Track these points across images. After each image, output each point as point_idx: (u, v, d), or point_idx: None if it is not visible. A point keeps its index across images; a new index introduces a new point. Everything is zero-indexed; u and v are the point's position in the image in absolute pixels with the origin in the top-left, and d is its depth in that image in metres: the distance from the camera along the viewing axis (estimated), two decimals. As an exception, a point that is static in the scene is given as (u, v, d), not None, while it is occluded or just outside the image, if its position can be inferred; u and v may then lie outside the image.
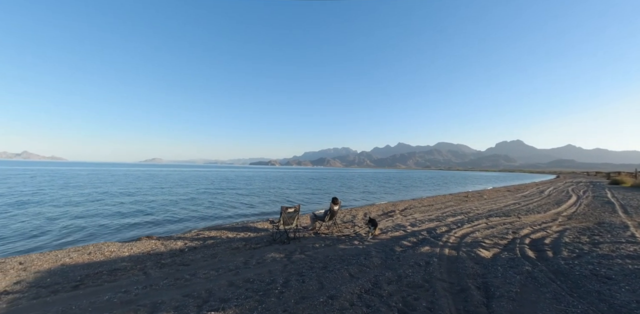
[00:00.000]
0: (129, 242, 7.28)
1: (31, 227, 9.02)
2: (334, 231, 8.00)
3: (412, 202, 16.02)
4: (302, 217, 9.75)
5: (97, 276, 4.85)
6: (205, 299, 3.69)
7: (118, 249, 6.49)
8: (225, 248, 6.58)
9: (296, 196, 20.33)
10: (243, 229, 8.91)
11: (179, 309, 3.39)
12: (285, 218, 6.88)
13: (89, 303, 3.69)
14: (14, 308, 3.66)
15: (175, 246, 6.81)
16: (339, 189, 27.09)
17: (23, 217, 10.35)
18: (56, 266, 5.44)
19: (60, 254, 6.13)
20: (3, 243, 7.34)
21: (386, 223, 9.11)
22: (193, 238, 7.65)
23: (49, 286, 4.44)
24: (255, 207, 14.51)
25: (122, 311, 3.40)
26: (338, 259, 5.28)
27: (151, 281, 4.51)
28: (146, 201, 15.55)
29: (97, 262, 5.67)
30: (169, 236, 8.10)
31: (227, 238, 7.65)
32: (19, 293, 4.18)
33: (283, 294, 3.70)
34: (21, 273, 5.05)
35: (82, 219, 10.47)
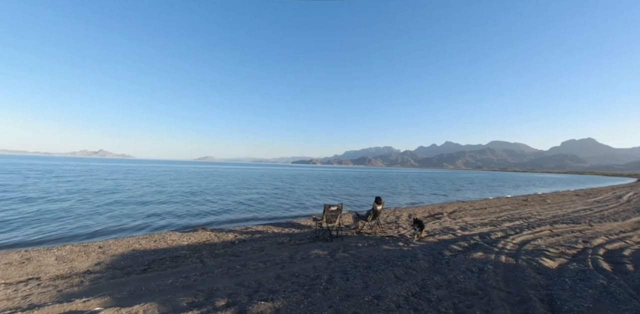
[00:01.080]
0: (187, 232, 7.99)
1: (109, 215, 10.37)
2: (377, 231, 7.87)
3: (461, 204, 15.06)
4: (344, 216, 9.76)
5: (162, 261, 5.41)
6: (255, 289, 3.90)
7: (178, 239, 7.17)
8: (271, 242, 6.87)
9: (338, 195, 20.39)
10: (287, 225, 9.21)
11: (232, 296, 3.64)
12: (328, 216, 6.95)
13: (155, 285, 4.14)
14: (95, 286, 4.25)
15: (226, 238, 7.30)
16: (382, 189, 26.52)
17: (104, 207, 11.95)
18: (128, 251, 6.18)
19: (132, 241, 6.96)
20: (86, 229, 8.55)
21: (433, 226, 8.70)
22: (242, 231, 8.12)
23: (123, 268, 5.07)
24: (298, 205, 14.89)
25: (183, 294, 3.75)
26: (382, 260, 5.19)
27: (207, 268, 4.91)
28: (201, 195, 16.88)
29: (161, 249, 6.32)
30: (221, 228, 8.70)
31: (272, 233, 7.98)
32: (98, 273, 4.85)
33: (328, 291, 3.75)
34: (100, 256, 5.84)
35: (150, 209, 11.75)
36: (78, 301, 3.58)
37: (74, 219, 9.47)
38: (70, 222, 9.12)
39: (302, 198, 17.68)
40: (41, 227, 8.34)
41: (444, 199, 19.21)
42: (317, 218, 7.49)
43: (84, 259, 5.54)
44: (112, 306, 3.41)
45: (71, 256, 5.67)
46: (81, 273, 4.80)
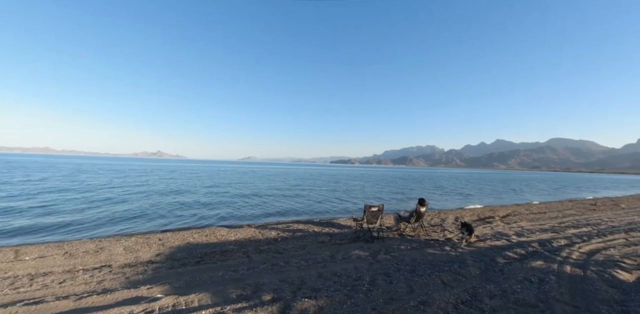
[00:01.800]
0: (234, 228, 8.45)
1: (167, 210, 11.40)
2: (421, 234, 7.56)
3: (516, 207, 13.81)
4: (385, 217, 9.54)
5: (213, 255, 5.79)
6: (298, 286, 3.99)
7: (227, 234, 7.62)
8: (312, 241, 6.97)
9: (379, 195, 20.00)
10: (327, 224, 9.27)
11: (277, 292, 3.77)
12: (369, 217, 6.85)
13: (208, 277, 4.44)
14: (156, 275, 4.69)
15: (270, 235, 7.58)
16: (425, 190, 25.41)
17: (163, 202, 13.17)
18: (183, 243, 6.73)
19: (186, 234, 7.56)
20: (148, 221, 9.48)
21: (483, 230, 8.10)
22: (284, 229, 8.36)
23: (179, 260, 5.52)
24: (338, 204, 14.91)
25: (232, 286, 3.98)
26: (427, 264, 4.97)
27: (253, 264, 5.14)
28: (246, 194, 17.76)
29: (212, 243, 6.77)
30: (264, 226, 9.05)
31: (313, 232, 8.09)
32: (159, 263, 5.33)
33: (371, 293, 3.70)
34: (160, 247, 6.42)
35: (201, 206, 12.68)
36: (143, 288, 3.99)
37: (137, 213, 10.57)
38: (134, 215, 10.21)
39: (342, 198, 17.66)
40: (110, 219, 9.46)
41: (495, 202, 17.79)
42: (357, 219, 7.42)
43: (146, 250, 6.16)
44: (171, 294, 3.75)
45: (136, 247, 6.34)
46: (144, 262, 5.33)
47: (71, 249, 6.05)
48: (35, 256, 5.62)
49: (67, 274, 4.72)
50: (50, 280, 4.42)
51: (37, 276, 4.59)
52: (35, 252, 5.85)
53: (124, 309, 3.28)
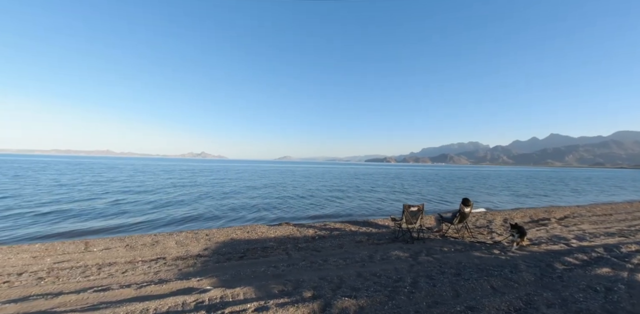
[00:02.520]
0: (274, 226, 8.72)
1: (213, 207, 12.13)
2: (465, 236, 7.16)
3: (575, 209, 12.48)
4: (426, 218, 9.19)
5: (254, 251, 6.04)
6: (337, 285, 4.01)
7: (266, 231, 7.89)
8: (349, 240, 6.95)
9: (417, 195, 19.32)
10: (364, 224, 9.17)
11: (317, 289, 3.82)
12: (408, 217, 6.65)
13: (251, 272, 4.64)
14: (205, 268, 5.00)
15: (307, 233, 7.70)
16: (468, 189, 23.99)
17: (209, 201, 14.04)
18: (228, 239, 7.10)
19: (230, 231, 7.97)
20: (196, 218, 10.16)
21: (537, 233, 7.45)
22: (321, 228, 8.43)
23: (224, 254, 5.84)
24: (375, 204, 14.67)
25: (274, 282, 4.12)
26: (474, 268, 4.69)
27: (292, 261, 5.27)
28: (282, 192, 18.25)
29: (253, 240, 7.06)
30: (302, 224, 9.22)
31: (350, 231, 8.06)
32: (206, 257, 5.69)
33: (413, 295, 3.59)
34: (207, 242, 6.85)
35: (242, 204, 13.30)
36: (193, 280, 4.29)
37: (187, 210, 11.40)
38: (184, 212, 11.01)
39: (378, 197, 17.35)
40: (164, 215, 10.30)
41: (550, 202, 16.24)
42: (396, 218, 7.25)
43: (195, 244, 6.61)
44: (219, 286, 3.98)
45: (186, 241, 6.83)
46: (194, 256, 5.73)
47: (131, 242, 6.70)
48: (101, 247, 6.31)
49: (128, 264, 5.23)
50: (114, 270, 4.94)
51: (103, 266, 5.16)
52: (101, 244, 6.58)
53: (178, 299, 3.55)
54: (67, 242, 6.80)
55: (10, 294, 3.87)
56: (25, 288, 4.13)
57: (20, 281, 4.37)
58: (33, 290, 4.03)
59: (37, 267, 5.03)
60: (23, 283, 4.31)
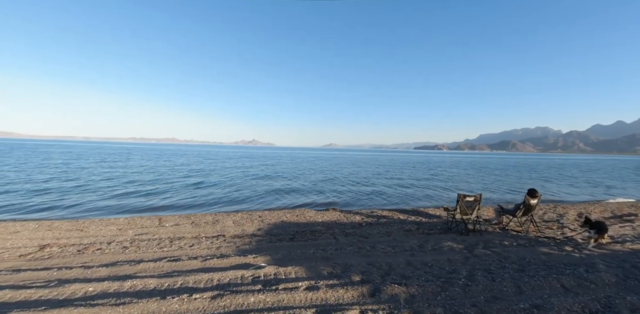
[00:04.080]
0: (321, 211, 8.93)
1: (266, 190, 12.85)
2: (530, 230, 6.50)
3: (675, 205, 10.46)
4: (483, 209, 8.54)
5: (303, 233, 6.27)
6: (386, 271, 3.98)
7: (314, 215, 8.12)
8: (398, 228, 6.80)
9: (474, 184, 18.00)
10: (414, 213, 8.88)
11: (365, 274, 3.84)
12: (463, 207, 6.24)
13: (301, 253, 4.84)
14: (259, 246, 5.35)
15: (354, 220, 7.73)
16: (534, 179, 21.59)
17: (262, 185, 14.91)
18: (278, 221, 7.48)
19: (280, 214, 8.38)
20: (250, 200, 10.87)
21: (620, 230, 6.45)
22: (368, 215, 8.39)
23: (276, 235, 6.17)
24: (424, 192, 14.08)
25: (323, 264, 4.24)
26: (541, 265, 4.26)
27: (340, 245, 5.36)
28: (329, 178, 18.49)
29: (302, 223, 7.33)
30: (349, 210, 9.28)
31: (398, 219, 7.88)
32: (260, 237, 6.07)
33: (469, 288, 3.40)
34: (260, 223, 7.29)
35: (291, 188, 13.85)
36: (250, 257, 4.63)
37: (244, 193, 12.25)
38: (241, 194, 11.86)
39: (428, 186, 16.58)
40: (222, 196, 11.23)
41: (636, 195, 13.87)
42: (449, 208, 6.86)
43: (250, 224, 7.10)
44: (272, 264, 4.24)
45: (242, 221, 7.37)
46: (249, 235, 6.16)
47: (196, 220, 7.45)
48: (172, 223, 7.13)
49: (194, 239, 5.84)
50: (183, 243, 5.55)
51: (174, 239, 5.83)
52: (172, 220, 7.43)
53: (237, 272, 3.87)
54: (145, 217, 7.83)
55: (103, 260, 4.61)
56: (113, 255, 4.88)
57: (110, 249, 5.17)
58: (120, 257, 4.74)
59: (122, 238, 5.89)
60: (112, 251, 5.09)
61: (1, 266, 4.25)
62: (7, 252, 4.90)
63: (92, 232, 6.21)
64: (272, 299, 3.16)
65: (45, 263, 4.44)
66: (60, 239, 5.63)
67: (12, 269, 4.15)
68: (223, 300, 3.14)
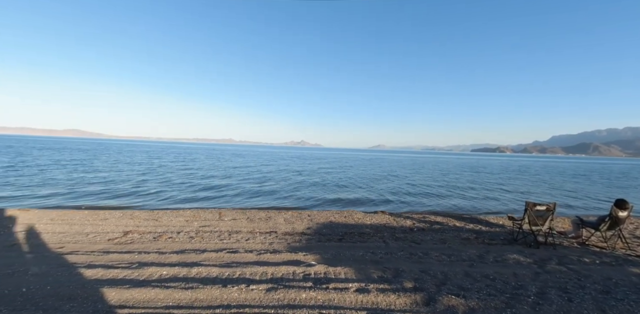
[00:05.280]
0: (369, 213, 8.80)
1: (314, 190, 13.14)
2: (618, 247, 5.57)
3: None
4: (557, 220, 7.57)
5: (352, 235, 6.25)
6: (441, 280, 3.76)
7: (362, 218, 8.04)
8: (453, 236, 6.38)
9: (546, 192, 16.03)
10: (471, 220, 8.24)
11: (418, 281, 3.69)
12: (532, 217, 5.60)
13: (350, 254, 4.84)
14: (309, 245, 5.47)
15: (405, 224, 7.46)
16: (625, 188, 18.41)
17: (311, 185, 15.28)
18: (327, 221, 7.57)
19: (328, 214, 8.47)
20: (299, 200, 11.19)
21: None
22: (420, 220, 8.02)
23: (325, 235, 6.25)
24: (485, 199, 12.97)
25: (373, 267, 4.19)
26: (632, 287, 3.62)
27: (390, 249, 5.22)
28: (379, 181, 18.13)
29: (350, 224, 7.31)
30: (399, 213, 8.98)
31: (454, 226, 7.38)
32: (309, 235, 6.21)
33: (540, 307, 3.05)
34: (309, 222, 7.46)
35: (339, 189, 13.92)
36: (300, 254, 4.78)
37: (293, 192, 12.70)
38: (290, 194, 12.31)
39: (490, 191, 15.22)
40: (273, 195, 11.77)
41: None
42: (515, 218, 6.23)
43: (299, 223, 7.31)
44: (322, 263, 4.31)
45: (292, 220, 7.63)
46: (299, 233, 6.35)
47: (251, 216, 7.93)
48: (230, 218, 7.70)
49: (249, 234, 6.22)
50: (240, 237, 5.95)
51: (232, 233, 6.28)
52: (230, 215, 8.02)
53: (289, 268, 4.03)
54: (207, 211, 8.58)
55: (173, 247, 5.17)
56: (182, 243, 5.44)
57: (179, 238, 5.78)
58: (187, 246, 5.27)
59: (189, 228, 6.54)
60: (180, 240, 5.68)
61: (94, 248, 5.03)
62: (98, 236, 5.79)
63: (164, 222, 7.01)
64: (322, 297, 3.23)
65: (128, 247, 5.15)
66: (139, 227, 6.47)
67: (102, 251, 4.89)
68: (277, 293, 3.30)
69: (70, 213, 7.63)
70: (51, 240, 5.35)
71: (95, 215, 7.46)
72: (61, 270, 3.89)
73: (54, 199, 9.82)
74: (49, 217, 6.96)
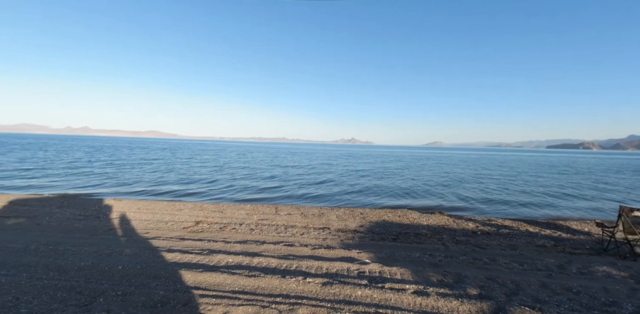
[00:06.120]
0: (425, 214, 8.39)
1: (365, 187, 13.02)
2: None
3: None
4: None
5: (407, 235, 6.03)
6: (513, 290, 3.42)
7: (418, 218, 7.70)
8: (526, 242, 5.73)
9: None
10: (548, 225, 7.30)
11: (484, 289, 3.40)
12: (627, 224, 4.74)
13: (405, 255, 4.69)
14: (362, 243, 5.44)
15: (466, 227, 6.93)
16: None
17: (364, 183, 15.18)
18: (380, 220, 7.43)
19: (381, 212, 8.31)
20: (350, 197, 11.19)
21: None
22: (484, 223, 7.38)
23: (378, 234, 6.14)
24: (564, 201, 11.35)
25: (431, 270, 3.99)
26: None
27: (450, 252, 4.91)
28: (434, 179, 17.14)
29: (405, 224, 7.06)
30: (459, 215, 8.37)
31: (526, 231, 6.62)
32: (362, 233, 6.16)
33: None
34: (362, 220, 7.40)
35: (390, 188, 13.55)
36: (354, 251, 4.78)
37: (347, 189, 12.77)
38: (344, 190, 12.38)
39: (572, 193, 13.25)
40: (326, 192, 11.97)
41: None
42: (605, 224, 5.34)
43: (352, 220, 7.32)
44: (376, 262, 4.26)
45: (344, 217, 7.67)
46: (352, 230, 6.36)
47: (305, 211, 8.19)
48: (285, 213, 8.06)
49: (303, 229, 6.44)
50: (295, 231, 6.20)
51: (288, 227, 6.57)
52: (285, 210, 8.39)
53: (343, 264, 4.07)
54: (265, 205, 9.12)
55: (237, 237, 5.61)
56: (244, 234, 5.87)
57: (241, 229, 6.25)
58: (248, 237, 5.67)
59: (249, 221, 7.03)
60: (242, 231, 6.13)
61: (172, 235, 5.72)
62: (175, 224, 6.57)
63: (228, 214, 7.65)
64: (379, 296, 3.19)
65: (199, 235, 5.75)
66: (208, 218, 7.17)
67: (178, 237, 5.54)
68: (332, 288, 3.36)
69: (153, 203, 8.80)
70: (138, 226, 6.25)
71: (172, 206, 8.48)
72: (147, 252, 4.53)
73: (140, 190, 11.43)
74: (136, 207, 8.12)
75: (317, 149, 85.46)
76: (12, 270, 3.74)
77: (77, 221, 6.47)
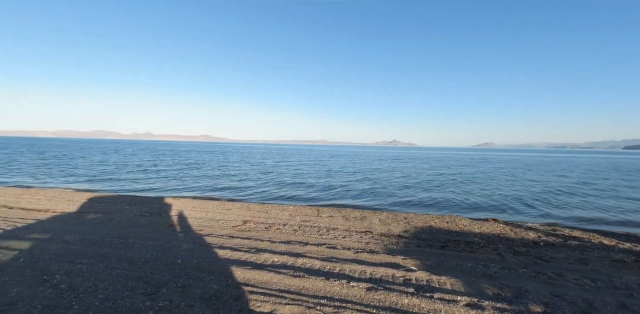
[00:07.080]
0: (478, 221, 7.80)
1: (408, 192, 12.57)
2: None
3: None
4: None
5: (457, 243, 5.68)
6: (584, 309, 3.03)
7: (469, 225, 7.20)
8: (600, 257, 5.03)
9: None
10: (628, 238, 6.34)
11: (550, 307, 3.06)
12: None
13: (456, 264, 4.41)
14: (407, 249, 5.24)
15: (526, 236, 6.30)
16: None
17: (411, 187, 14.69)
18: (426, 226, 7.09)
19: (428, 218, 7.93)
20: (393, 200, 10.87)
21: None
22: (548, 233, 6.64)
23: (425, 240, 5.87)
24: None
25: (486, 282, 3.70)
26: None
27: (508, 264, 4.50)
28: (486, 183, 15.88)
29: (454, 231, 6.65)
30: (518, 223, 7.64)
31: (600, 244, 5.82)
32: (407, 239, 5.93)
33: None
34: (406, 225, 7.14)
35: (435, 192, 12.89)
36: (399, 257, 4.64)
37: (389, 193, 12.47)
38: (384, 194, 12.10)
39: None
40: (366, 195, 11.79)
41: None
42: None
43: (395, 225, 7.10)
44: (423, 270, 4.08)
45: (388, 221, 7.48)
46: (396, 236, 6.17)
47: (347, 214, 8.16)
48: (327, 215, 8.11)
49: (346, 232, 6.42)
50: (337, 234, 6.20)
51: (330, 230, 6.60)
52: (327, 213, 8.45)
53: (388, 271, 3.97)
54: (307, 207, 9.28)
55: (281, 238, 5.79)
56: (288, 235, 6.04)
57: (286, 230, 6.43)
58: (292, 238, 5.81)
59: (293, 222, 7.21)
60: (286, 232, 6.31)
61: (223, 233, 6.10)
62: (225, 223, 6.99)
63: (273, 215, 7.94)
64: (427, 306, 3.05)
65: (247, 234, 6.05)
66: (254, 218, 7.52)
67: (228, 235, 5.88)
68: (377, 294, 3.30)
69: (206, 203, 9.49)
70: (194, 224, 6.78)
71: (223, 206, 9.05)
72: (202, 248, 4.89)
73: (197, 190, 12.42)
74: (192, 206, 8.83)
75: (358, 152, 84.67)
76: (92, 260, 4.31)
77: (143, 218, 7.24)
